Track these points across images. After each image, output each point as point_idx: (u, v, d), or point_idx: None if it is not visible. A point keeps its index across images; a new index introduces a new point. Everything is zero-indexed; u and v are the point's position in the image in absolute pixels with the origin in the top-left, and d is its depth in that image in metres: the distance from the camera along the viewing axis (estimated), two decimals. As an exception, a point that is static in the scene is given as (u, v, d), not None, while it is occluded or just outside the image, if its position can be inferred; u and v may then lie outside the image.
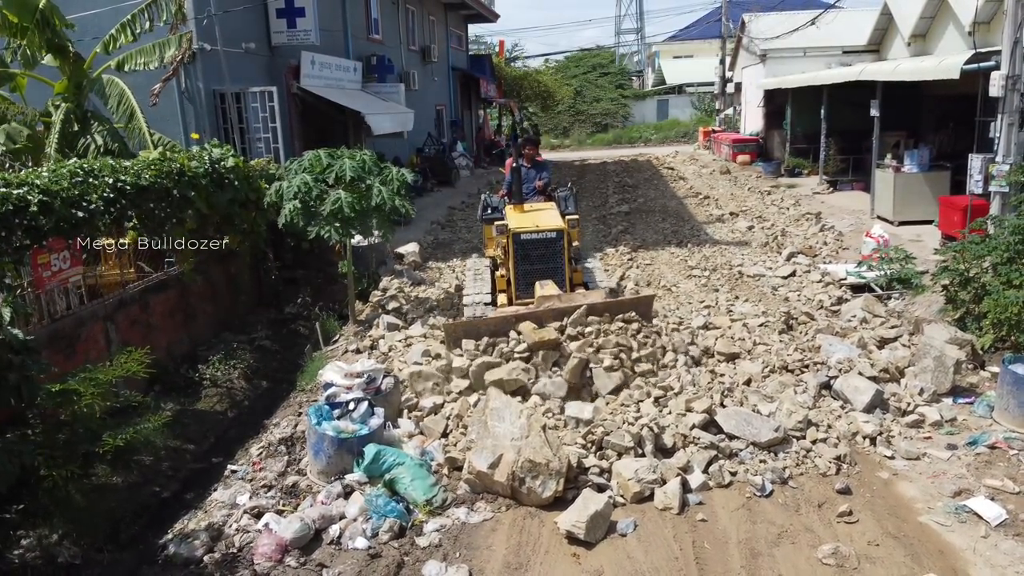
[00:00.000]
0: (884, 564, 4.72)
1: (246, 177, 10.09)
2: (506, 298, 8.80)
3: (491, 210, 10.04)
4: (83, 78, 10.66)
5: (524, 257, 8.53)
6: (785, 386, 7.09)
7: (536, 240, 8.51)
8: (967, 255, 8.20)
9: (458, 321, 8.29)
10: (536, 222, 8.76)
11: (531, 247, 8.52)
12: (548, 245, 8.52)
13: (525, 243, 8.52)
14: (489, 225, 9.81)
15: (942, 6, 16.54)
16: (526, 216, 9.10)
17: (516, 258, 8.55)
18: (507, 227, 8.60)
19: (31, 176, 6.75)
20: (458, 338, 7.34)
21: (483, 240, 10.76)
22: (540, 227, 8.58)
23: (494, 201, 10.20)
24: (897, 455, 6.00)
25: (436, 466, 6.05)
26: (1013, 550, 4.80)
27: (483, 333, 7.29)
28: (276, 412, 7.82)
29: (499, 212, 9.84)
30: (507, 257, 8.74)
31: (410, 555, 5.12)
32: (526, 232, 8.54)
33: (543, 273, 8.44)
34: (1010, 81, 9.71)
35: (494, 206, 10.08)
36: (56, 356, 6.76)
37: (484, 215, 10.14)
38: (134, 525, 5.89)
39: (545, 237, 8.51)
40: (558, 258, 8.55)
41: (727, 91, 34.35)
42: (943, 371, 6.92)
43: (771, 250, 13.11)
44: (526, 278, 8.50)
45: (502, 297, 8.91)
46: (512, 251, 8.55)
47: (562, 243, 8.53)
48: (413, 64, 23.97)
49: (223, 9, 12.80)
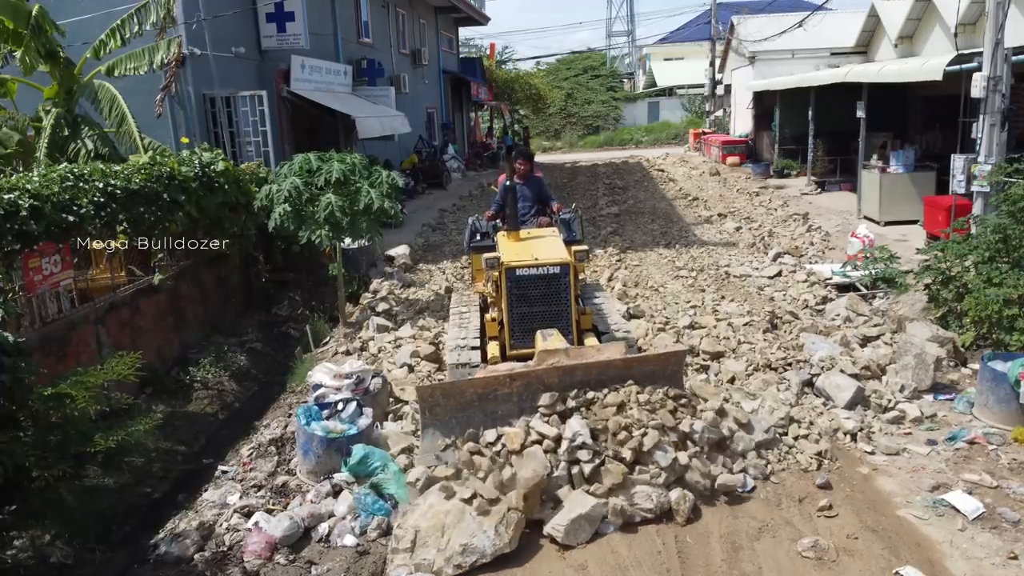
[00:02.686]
0: (863, 557, 4.81)
1: (236, 181, 10.16)
2: (497, 347, 7.17)
3: (479, 236, 8.57)
4: (73, 83, 10.72)
5: (521, 298, 6.89)
6: (768, 384, 7.19)
7: (535, 277, 6.86)
8: (949, 254, 8.33)
9: (434, 384, 6.65)
10: (535, 254, 7.10)
11: (529, 285, 6.87)
12: (550, 283, 6.86)
13: (522, 280, 6.87)
14: (478, 254, 8.30)
15: (928, 8, 16.74)
16: (523, 246, 7.44)
17: (511, 298, 6.90)
18: (499, 260, 6.98)
19: (22, 181, 6.81)
20: (434, 404, 5.62)
21: (471, 271, 9.10)
22: (540, 260, 6.92)
23: (483, 225, 8.67)
24: (877, 451, 6.11)
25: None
26: (989, 543, 4.90)
27: (468, 398, 5.62)
28: (266, 414, 7.89)
29: (489, 238, 8.36)
30: (499, 295, 7.13)
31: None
32: (523, 267, 6.88)
33: (544, 317, 6.85)
34: (991, 82, 9.87)
35: (483, 231, 8.61)
36: (47, 359, 6.80)
37: (472, 242, 8.59)
38: (125, 525, 5.96)
39: (546, 273, 6.86)
40: (562, 298, 6.89)
41: (717, 93, 34.57)
42: (924, 368, 7.03)
43: (758, 251, 13.23)
44: (523, 323, 6.89)
45: (493, 346, 7.21)
46: (506, 290, 6.90)
47: (567, 280, 6.87)
48: (404, 67, 24.05)
49: (213, 14, 12.87)
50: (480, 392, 5.63)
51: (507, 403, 5.64)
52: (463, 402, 5.60)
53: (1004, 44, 9.88)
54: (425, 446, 5.61)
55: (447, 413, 5.61)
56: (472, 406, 5.61)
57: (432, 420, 5.61)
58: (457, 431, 5.58)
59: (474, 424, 5.58)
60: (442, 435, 5.58)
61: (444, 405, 5.60)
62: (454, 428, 5.60)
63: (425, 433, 5.64)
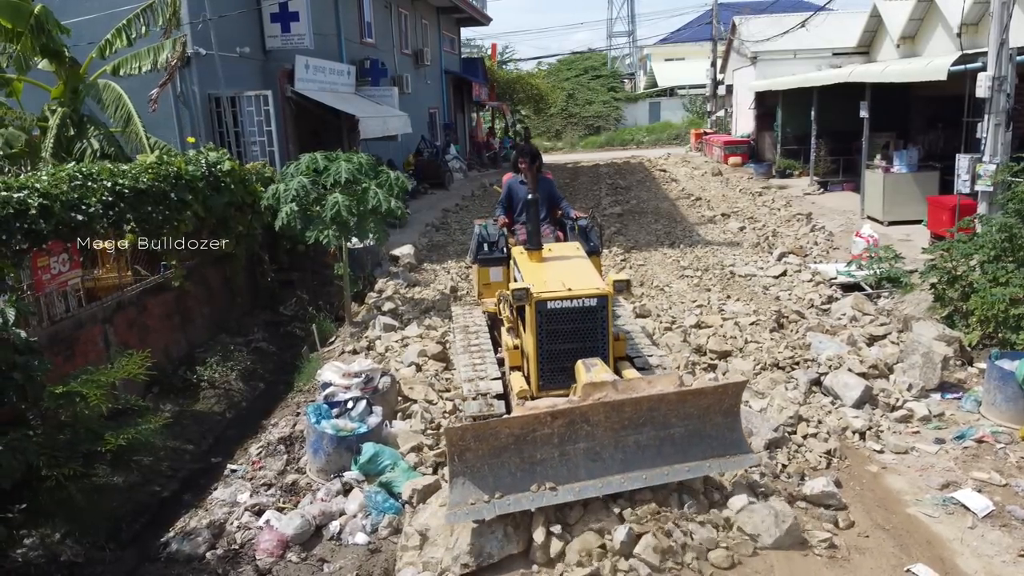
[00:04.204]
0: (873, 555, 4.82)
1: (242, 180, 10.18)
2: (522, 378, 6.27)
3: (488, 247, 7.74)
4: (79, 83, 10.74)
5: (552, 333, 5.86)
6: (776, 383, 7.22)
7: (570, 311, 5.86)
8: (954, 254, 8.34)
9: (465, 425, 5.56)
10: (566, 282, 6.05)
11: (562, 319, 5.86)
12: (586, 317, 5.85)
13: (554, 315, 5.85)
14: (485, 268, 7.64)
15: (930, 8, 16.73)
16: (550, 271, 6.42)
17: (540, 334, 5.87)
18: (528, 292, 5.85)
19: (31, 180, 6.82)
20: (464, 448, 4.83)
21: (476, 286, 8.08)
22: (575, 292, 5.89)
23: (491, 233, 7.82)
24: (886, 449, 6.12)
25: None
26: (999, 540, 4.91)
27: (503, 440, 4.87)
28: (274, 412, 7.91)
29: (499, 250, 7.65)
30: (523, 328, 6.23)
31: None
32: (556, 299, 5.84)
33: (577, 354, 5.78)
34: (996, 82, 9.87)
35: (491, 240, 7.76)
36: (55, 358, 6.82)
37: (480, 254, 7.74)
38: (135, 524, 6.00)
39: (582, 306, 5.84)
40: (598, 334, 5.90)
41: (718, 93, 34.57)
42: (931, 367, 7.04)
43: (762, 250, 13.24)
44: (554, 361, 5.89)
45: (517, 378, 6.28)
46: (535, 324, 5.86)
47: (604, 314, 5.89)
48: (406, 67, 24.07)
49: (218, 14, 12.88)
50: (517, 433, 4.88)
51: (547, 445, 4.95)
52: (497, 446, 4.87)
53: (1009, 44, 9.89)
54: (455, 498, 4.81)
55: (478, 460, 4.85)
56: (507, 450, 4.89)
57: (462, 467, 4.83)
58: (491, 482, 4.84)
59: (509, 471, 4.88)
60: (474, 486, 4.82)
61: (475, 450, 4.84)
62: (487, 478, 4.84)
63: (454, 483, 4.84)
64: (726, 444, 5.22)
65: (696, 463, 5.11)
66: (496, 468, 4.89)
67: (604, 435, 5.04)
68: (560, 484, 4.88)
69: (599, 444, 5.04)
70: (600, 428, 5.04)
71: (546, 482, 4.87)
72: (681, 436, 5.16)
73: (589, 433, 5.02)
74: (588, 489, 4.92)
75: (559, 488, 4.87)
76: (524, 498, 4.83)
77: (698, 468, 5.13)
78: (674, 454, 5.10)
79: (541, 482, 4.87)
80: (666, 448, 5.11)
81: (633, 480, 4.98)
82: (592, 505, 4.97)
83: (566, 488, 4.88)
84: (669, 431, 5.14)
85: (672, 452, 5.10)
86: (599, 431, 5.03)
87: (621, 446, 5.05)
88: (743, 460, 5.27)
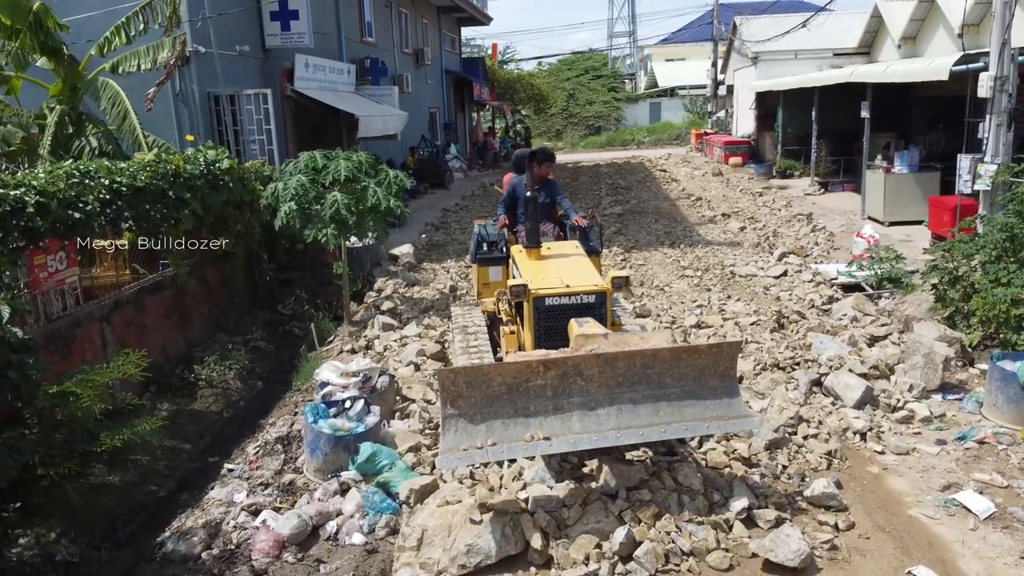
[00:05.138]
0: (874, 556, 4.79)
1: (240, 179, 10.15)
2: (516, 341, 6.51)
3: (487, 246, 7.86)
4: (78, 80, 10.70)
5: (550, 331, 5.94)
6: (777, 383, 7.18)
7: (568, 307, 5.98)
8: (956, 254, 8.30)
9: (457, 368, 5.62)
10: (565, 278, 6.18)
11: (560, 315, 5.94)
12: (583, 313, 5.92)
13: (552, 311, 5.98)
14: (485, 267, 7.74)
15: (932, 8, 16.69)
16: (548, 268, 6.55)
17: (539, 331, 5.99)
18: (526, 289, 6.01)
19: (28, 177, 6.79)
20: (457, 394, 4.86)
21: (475, 285, 8.23)
22: (572, 288, 6.03)
23: (491, 233, 7.92)
24: (887, 450, 6.08)
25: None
26: (1001, 542, 4.87)
27: (496, 389, 4.89)
28: (272, 412, 7.88)
29: (499, 249, 7.78)
30: (522, 324, 6.35)
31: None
32: (554, 295, 5.99)
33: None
34: (998, 82, 9.84)
35: (491, 240, 7.89)
36: (52, 357, 6.79)
37: (479, 254, 7.86)
38: (131, 523, 5.96)
39: (580, 303, 5.98)
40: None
41: (719, 94, 34.54)
42: (932, 368, 7.00)
43: (763, 250, 13.21)
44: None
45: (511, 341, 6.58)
46: (533, 321, 6.00)
47: (603, 311, 6.00)
48: (406, 67, 24.04)
49: (217, 12, 12.86)
50: (510, 382, 4.89)
51: (541, 398, 4.95)
52: (490, 394, 4.88)
53: (1011, 44, 9.86)
54: (447, 444, 4.82)
55: (471, 408, 4.87)
56: (500, 399, 4.90)
57: (455, 413, 4.84)
58: (484, 431, 4.85)
59: (502, 421, 4.88)
60: (467, 433, 4.84)
61: (468, 397, 4.87)
62: (480, 426, 4.86)
63: (447, 428, 4.84)
64: (724, 407, 5.13)
65: (694, 423, 5.06)
66: (489, 417, 4.88)
67: (599, 391, 5.00)
68: (555, 436, 4.85)
69: (594, 400, 4.99)
70: (594, 384, 4.98)
71: (540, 433, 4.84)
72: (677, 396, 5.08)
73: (583, 388, 4.98)
74: (583, 440, 4.87)
75: (553, 439, 4.84)
76: (517, 447, 4.81)
77: (696, 427, 5.10)
78: (671, 414, 5.04)
79: (535, 433, 4.84)
80: (662, 408, 5.05)
81: (629, 435, 4.94)
82: (591, 506, 4.94)
83: (560, 439, 4.85)
84: (665, 391, 5.08)
85: (669, 412, 5.05)
86: (593, 386, 4.99)
87: (616, 403, 5.00)
88: (743, 423, 5.21)
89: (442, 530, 4.93)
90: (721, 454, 5.65)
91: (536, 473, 5.36)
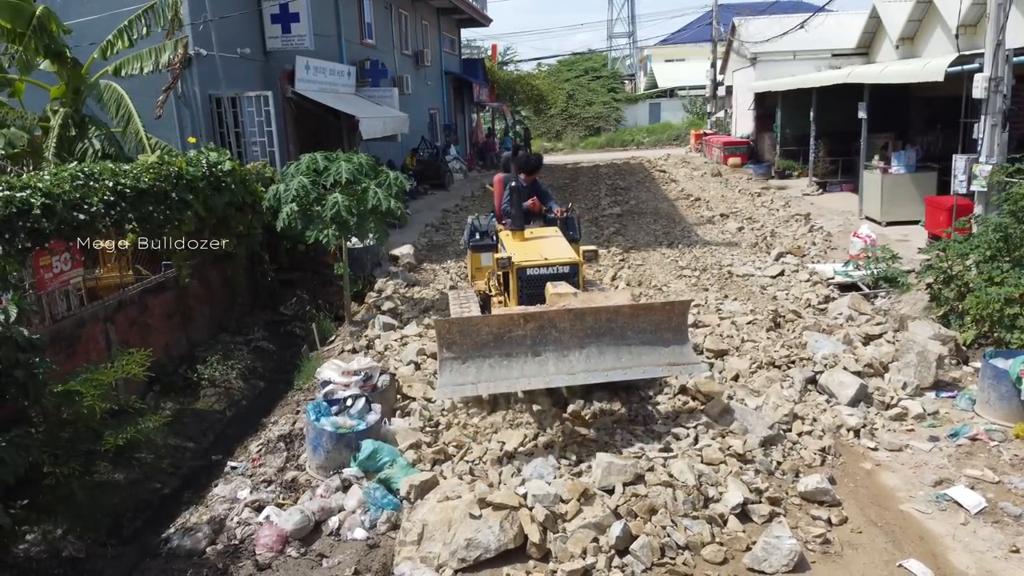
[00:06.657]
0: (866, 550, 4.88)
1: (242, 180, 10.23)
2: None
3: (480, 235, 8.94)
4: (81, 83, 10.79)
5: (532, 297, 7.04)
6: (772, 381, 7.27)
7: (545, 277, 7.07)
8: (950, 254, 8.39)
9: (451, 319, 6.97)
10: (543, 253, 7.39)
11: (539, 283, 7.02)
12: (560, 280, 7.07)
13: (533, 280, 7.11)
14: (477, 253, 8.85)
15: (929, 9, 16.79)
16: (530, 246, 7.74)
17: (522, 297, 7.13)
18: (510, 260, 7.22)
19: (34, 180, 6.87)
20: (451, 341, 5.89)
21: (469, 270, 9.42)
22: (549, 260, 7.21)
23: (483, 225, 9.05)
24: (880, 447, 6.17)
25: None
26: (991, 536, 4.96)
27: (483, 337, 5.91)
28: (274, 411, 7.96)
29: (490, 237, 8.82)
30: (507, 296, 7.53)
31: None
32: (534, 266, 7.16)
33: None
34: (993, 83, 9.90)
35: (483, 230, 8.97)
36: (57, 356, 6.86)
37: (472, 241, 8.95)
38: (136, 520, 6.03)
39: (556, 272, 7.12)
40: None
41: (718, 94, 34.62)
42: (926, 366, 7.09)
43: (760, 250, 13.29)
44: None
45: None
46: (517, 288, 7.17)
47: (576, 280, 7.13)
48: (406, 68, 24.12)
49: (218, 15, 12.94)
50: (496, 331, 5.91)
51: (521, 344, 5.94)
52: (479, 341, 5.89)
53: (1005, 45, 9.93)
54: (444, 381, 5.85)
55: (464, 352, 5.88)
56: (488, 345, 5.90)
57: (451, 355, 5.88)
58: (474, 371, 5.85)
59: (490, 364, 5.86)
60: (460, 373, 5.85)
61: (461, 343, 5.88)
62: (471, 368, 5.87)
63: (444, 368, 5.87)
64: (676, 354, 6.14)
65: (650, 366, 6.07)
66: (478, 360, 5.90)
67: (570, 340, 5.97)
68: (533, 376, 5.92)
69: (566, 347, 5.97)
70: (566, 334, 5.97)
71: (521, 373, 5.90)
72: (636, 345, 6.07)
73: (557, 338, 5.97)
74: (557, 380, 5.94)
75: (531, 378, 5.92)
76: (502, 383, 5.90)
77: (652, 371, 6.14)
78: (631, 359, 6.03)
79: (517, 373, 5.90)
80: (624, 354, 6.03)
81: (595, 375, 5.95)
82: (588, 499, 5.04)
83: (537, 378, 5.92)
84: (626, 340, 6.05)
85: (629, 357, 6.03)
86: (565, 336, 5.97)
87: (585, 349, 5.98)
88: (691, 368, 6.29)
89: (442, 525, 5.03)
90: (716, 450, 5.73)
91: (534, 470, 5.49)
